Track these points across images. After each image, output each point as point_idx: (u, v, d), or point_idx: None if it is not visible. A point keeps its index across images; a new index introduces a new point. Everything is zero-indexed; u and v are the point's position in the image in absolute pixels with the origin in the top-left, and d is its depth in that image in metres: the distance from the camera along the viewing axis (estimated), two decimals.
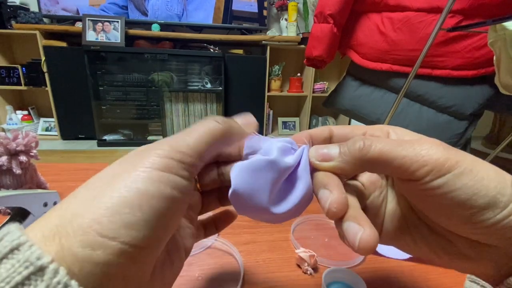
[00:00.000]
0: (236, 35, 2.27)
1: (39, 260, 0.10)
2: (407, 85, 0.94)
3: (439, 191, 0.14)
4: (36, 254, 0.10)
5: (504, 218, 0.13)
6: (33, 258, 0.10)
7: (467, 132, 1.04)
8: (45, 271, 0.10)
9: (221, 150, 0.19)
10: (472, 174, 0.14)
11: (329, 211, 0.15)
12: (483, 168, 0.14)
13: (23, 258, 0.10)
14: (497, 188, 0.13)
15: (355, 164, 0.16)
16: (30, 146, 0.37)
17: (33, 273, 0.10)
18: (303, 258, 0.29)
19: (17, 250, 0.10)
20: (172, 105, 2.19)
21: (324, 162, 0.17)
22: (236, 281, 0.27)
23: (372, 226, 0.14)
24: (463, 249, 0.16)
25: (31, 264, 0.10)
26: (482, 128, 2.07)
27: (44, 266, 0.10)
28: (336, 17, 1.05)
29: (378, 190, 0.20)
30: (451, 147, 0.15)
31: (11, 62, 2.20)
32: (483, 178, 0.14)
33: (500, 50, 0.76)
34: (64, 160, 1.81)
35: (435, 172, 0.14)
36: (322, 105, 1.46)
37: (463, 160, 0.14)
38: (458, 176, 0.14)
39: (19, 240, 0.10)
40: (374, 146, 0.15)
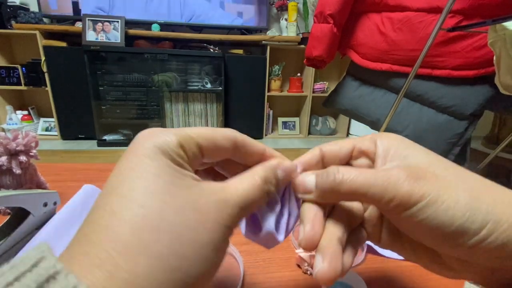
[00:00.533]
0: (236, 35, 2.27)
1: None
2: (407, 85, 0.94)
3: (410, 220, 0.15)
4: (73, 283, 0.10)
5: (478, 242, 0.13)
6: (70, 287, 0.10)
7: (467, 132, 1.04)
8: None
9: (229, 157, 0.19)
10: (436, 205, 0.14)
11: (300, 245, 0.17)
12: (454, 194, 0.14)
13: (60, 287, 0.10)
14: (466, 215, 0.13)
15: (331, 196, 0.17)
16: (30, 146, 0.37)
17: None
18: (303, 258, 0.29)
19: (53, 279, 0.10)
20: (172, 105, 2.19)
21: (305, 195, 0.18)
22: (236, 281, 0.27)
23: (332, 262, 0.15)
24: (449, 263, 0.17)
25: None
26: (482, 128, 2.07)
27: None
28: (336, 17, 1.05)
29: None
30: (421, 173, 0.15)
31: (11, 62, 2.20)
32: (448, 208, 0.14)
33: (500, 50, 0.76)
34: (64, 160, 1.81)
35: (402, 206, 0.14)
36: (322, 105, 1.46)
37: (429, 191, 0.14)
38: (421, 209, 0.14)
39: (55, 269, 0.10)
40: (346, 180, 0.16)
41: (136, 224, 0.12)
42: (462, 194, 0.14)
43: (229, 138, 0.17)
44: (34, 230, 0.30)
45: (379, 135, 0.19)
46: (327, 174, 0.17)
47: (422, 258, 0.18)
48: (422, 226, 0.14)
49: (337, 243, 0.16)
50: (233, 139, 0.17)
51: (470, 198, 0.14)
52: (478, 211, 0.14)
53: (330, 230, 0.17)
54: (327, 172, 0.17)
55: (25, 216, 0.29)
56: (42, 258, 0.11)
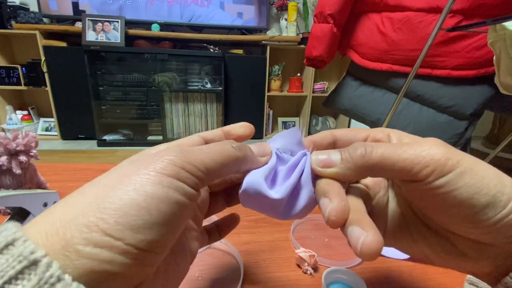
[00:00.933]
0: (236, 35, 2.27)
1: (33, 254, 0.10)
2: (407, 85, 0.94)
3: (442, 190, 0.14)
4: (30, 248, 0.10)
5: (504, 216, 0.13)
6: (27, 252, 0.10)
7: (467, 132, 1.04)
8: (38, 264, 0.10)
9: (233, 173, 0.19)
10: (473, 173, 0.14)
11: (329, 220, 0.15)
12: (483, 168, 0.14)
13: (17, 252, 0.10)
14: (497, 187, 0.14)
15: (357, 170, 0.16)
16: (30, 146, 0.37)
17: (27, 267, 0.10)
18: (303, 258, 0.29)
19: (12, 246, 0.10)
20: (172, 105, 2.19)
21: (326, 169, 0.17)
22: (236, 281, 0.27)
23: (377, 230, 0.14)
24: (462, 248, 0.16)
25: (24, 258, 0.10)
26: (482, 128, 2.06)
27: (38, 260, 0.10)
28: (336, 17, 1.05)
29: (382, 190, 0.21)
30: (451, 147, 0.15)
31: (11, 62, 2.20)
32: (483, 177, 0.14)
33: (500, 50, 0.76)
34: (64, 160, 1.81)
35: (437, 172, 0.14)
36: (322, 105, 1.46)
37: (464, 160, 0.14)
38: (459, 175, 0.14)
39: (14, 236, 0.11)
40: (376, 152, 0.15)
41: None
42: (489, 168, 0.14)
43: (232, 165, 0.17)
44: None
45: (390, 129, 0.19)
46: (354, 147, 0.16)
47: (433, 246, 0.17)
48: (453, 197, 0.14)
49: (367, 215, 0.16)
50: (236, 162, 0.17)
51: (494, 172, 0.14)
52: (504, 184, 0.14)
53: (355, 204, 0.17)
54: (354, 146, 0.16)
55: (25, 216, 0.29)
56: (4, 229, 0.11)
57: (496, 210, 0.13)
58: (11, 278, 0.10)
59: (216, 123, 2.29)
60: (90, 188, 0.13)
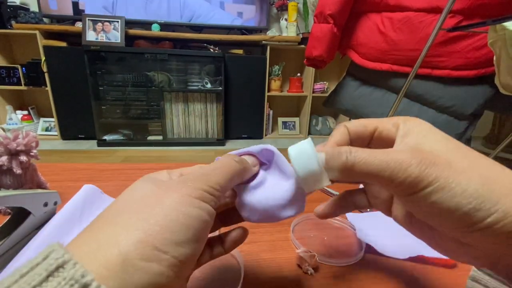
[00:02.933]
0: (236, 35, 2.27)
1: (84, 278, 0.11)
2: (407, 85, 0.94)
3: (414, 204, 0.15)
4: (80, 272, 0.11)
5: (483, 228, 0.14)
6: (78, 275, 0.11)
7: (467, 132, 1.04)
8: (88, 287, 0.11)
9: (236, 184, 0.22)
10: (443, 191, 0.14)
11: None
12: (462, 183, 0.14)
13: (69, 276, 0.11)
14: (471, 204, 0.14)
15: (339, 175, 0.17)
16: (30, 146, 0.37)
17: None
18: (304, 258, 0.29)
19: (62, 268, 0.11)
20: (172, 105, 2.19)
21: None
22: (236, 281, 0.27)
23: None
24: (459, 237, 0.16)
25: (76, 282, 0.11)
26: (482, 128, 2.07)
27: (88, 284, 0.11)
28: (336, 17, 1.05)
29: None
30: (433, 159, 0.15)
31: (11, 62, 2.20)
32: (454, 195, 0.14)
33: (500, 50, 0.76)
34: (64, 160, 1.81)
35: (410, 189, 0.15)
36: (322, 105, 1.46)
37: (439, 177, 0.14)
38: (429, 194, 0.14)
39: (63, 258, 0.11)
40: (357, 163, 0.16)
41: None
42: (473, 182, 0.14)
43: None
44: (35, 230, 0.30)
45: (404, 118, 0.19)
46: (339, 154, 0.17)
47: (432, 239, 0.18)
48: (429, 209, 0.15)
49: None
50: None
51: (482, 186, 0.14)
52: (487, 199, 0.14)
53: None
54: (339, 152, 0.17)
55: (25, 216, 0.29)
56: (52, 251, 0.12)
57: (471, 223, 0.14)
58: None
59: (216, 123, 2.29)
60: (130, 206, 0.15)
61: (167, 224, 0.14)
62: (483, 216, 0.14)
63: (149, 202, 0.15)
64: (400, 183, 0.15)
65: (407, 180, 0.15)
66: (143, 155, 1.96)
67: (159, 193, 0.15)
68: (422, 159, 0.15)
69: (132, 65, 2.06)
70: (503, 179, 0.15)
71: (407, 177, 0.15)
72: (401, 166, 0.15)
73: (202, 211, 0.15)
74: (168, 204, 0.14)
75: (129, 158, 1.90)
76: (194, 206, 0.15)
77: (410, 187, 0.15)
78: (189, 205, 0.15)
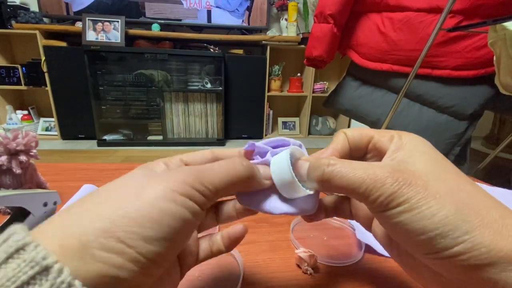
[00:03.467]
0: (236, 35, 2.27)
1: (45, 260, 0.10)
2: (407, 85, 0.94)
3: (385, 221, 0.16)
4: (42, 254, 0.11)
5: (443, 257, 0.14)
6: (39, 258, 0.10)
7: (467, 132, 1.04)
8: (50, 270, 0.10)
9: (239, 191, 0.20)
10: (411, 213, 0.14)
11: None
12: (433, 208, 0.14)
13: (29, 258, 0.10)
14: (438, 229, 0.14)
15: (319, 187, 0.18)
16: (30, 145, 0.37)
17: (38, 273, 0.10)
18: (303, 258, 0.29)
19: (23, 250, 0.11)
20: (172, 105, 2.19)
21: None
22: (236, 281, 0.27)
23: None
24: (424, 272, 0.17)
25: (36, 264, 0.10)
26: (482, 128, 2.07)
27: (49, 266, 0.10)
28: (336, 17, 1.05)
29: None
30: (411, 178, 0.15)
31: (11, 62, 2.20)
32: (422, 218, 0.14)
33: (500, 50, 0.76)
34: (64, 160, 1.81)
35: (382, 207, 0.15)
36: (322, 105, 1.46)
37: (411, 198, 0.14)
38: (398, 213, 0.15)
39: (24, 240, 0.11)
40: (334, 177, 0.16)
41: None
42: (446, 208, 0.14)
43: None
44: None
45: (401, 132, 0.19)
46: (318, 166, 0.17)
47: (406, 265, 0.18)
48: (398, 228, 0.15)
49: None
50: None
51: (455, 213, 0.14)
52: (457, 228, 0.13)
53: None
54: (318, 164, 0.17)
55: (25, 216, 0.29)
56: (13, 233, 0.11)
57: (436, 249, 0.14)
58: (23, 283, 0.10)
59: (216, 123, 2.29)
60: (107, 194, 0.14)
61: (137, 218, 0.13)
62: (448, 244, 0.13)
63: (128, 192, 0.14)
64: (373, 200, 0.15)
65: (379, 198, 0.15)
66: (143, 155, 1.96)
67: (142, 184, 0.14)
68: (398, 178, 0.15)
69: (132, 65, 2.06)
70: (482, 208, 0.14)
71: (380, 195, 0.15)
72: (375, 183, 0.15)
73: (185, 210, 0.14)
74: (146, 197, 0.13)
75: (129, 158, 1.90)
76: (176, 202, 0.14)
77: (382, 205, 0.15)
78: (169, 200, 0.14)
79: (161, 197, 0.14)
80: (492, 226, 0.13)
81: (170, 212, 0.13)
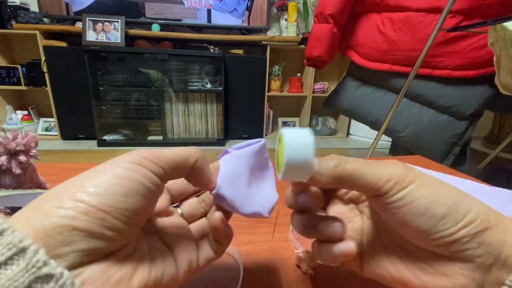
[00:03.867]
0: (236, 35, 2.27)
1: (21, 242, 0.11)
2: (407, 85, 0.94)
3: (402, 202, 0.16)
4: (19, 237, 0.12)
5: (462, 227, 0.15)
6: (16, 241, 0.11)
7: (467, 132, 1.04)
8: (26, 251, 0.11)
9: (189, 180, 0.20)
10: (429, 186, 0.16)
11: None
12: (439, 183, 0.17)
13: (6, 241, 0.11)
14: (451, 201, 0.16)
15: (330, 179, 0.18)
16: (29, 146, 0.37)
17: (16, 254, 0.11)
18: (303, 259, 0.29)
19: (1, 236, 0.12)
20: (172, 105, 2.19)
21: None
22: (235, 281, 0.27)
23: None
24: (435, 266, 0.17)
25: (13, 246, 0.11)
26: (482, 128, 2.06)
27: (26, 248, 0.11)
28: (336, 17, 1.05)
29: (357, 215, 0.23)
30: (411, 167, 0.18)
31: (11, 62, 2.20)
32: (440, 190, 0.16)
33: (500, 50, 0.76)
34: (64, 160, 1.81)
35: (398, 185, 0.16)
36: (322, 105, 1.46)
37: (421, 175, 0.17)
38: (417, 187, 0.16)
39: (2, 227, 0.12)
40: (348, 165, 0.18)
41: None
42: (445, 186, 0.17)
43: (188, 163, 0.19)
44: None
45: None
46: (330, 158, 0.18)
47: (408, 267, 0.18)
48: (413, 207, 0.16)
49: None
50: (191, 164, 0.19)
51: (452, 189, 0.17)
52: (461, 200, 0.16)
53: None
54: (329, 157, 0.18)
55: None
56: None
57: (455, 220, 0.15)
58: (1, 263, 0.11)
59: (216, 123, 2.29)
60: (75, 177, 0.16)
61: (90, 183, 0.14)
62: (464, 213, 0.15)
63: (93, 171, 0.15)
64: (389, 178, 0.16)
65: (393, 176, 0.16)
66: None
67: (106, 163, 0.16)
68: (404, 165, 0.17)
69: (132, 65, 2.06)
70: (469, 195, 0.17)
71: (395, 172, 0.17)
72: (386, 165, 0.17)
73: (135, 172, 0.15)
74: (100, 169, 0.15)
75: None
76: (125, 167, 0.15)
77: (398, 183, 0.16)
78: (119, 167, 0.15)
79: (113, 166, 0.15)
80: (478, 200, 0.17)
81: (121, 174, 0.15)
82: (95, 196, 0.14)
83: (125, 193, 0.15)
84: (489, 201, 0.17)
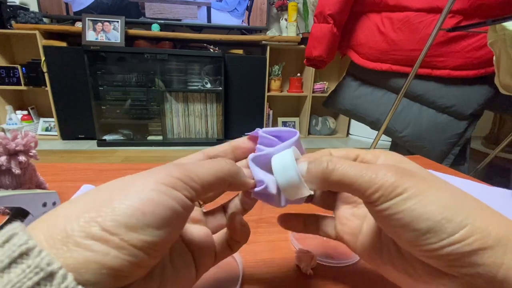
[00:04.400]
0: (236, 35, 2.27)
1: (49, 266, 0.11)
2: (407, 85, 0.94)
3: (386, 213, 0.16)
4: (46, 260, 0.11)
5: (449, 244, 0.14)
6: (43, 264, 0.10)
7: (467, 132, 1.04)
8: (55, 276, 0.11)
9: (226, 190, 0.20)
10: (417, 199, 0.15)
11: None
12: (436, 195, 0.15)
13: (34, 264, 0.10)
14: (443, 214, 0.14)
15: (319, 183, 0.18)
16: (29, 146, 0.37)
17: (43, 279, 0.10)
18: (303, 258, 0.29)
19: (26, 255, 0.11)
20: (172, 105, 2.19)
21: None
22: (235, 281, 0.27)
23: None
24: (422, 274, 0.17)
25: (41, 270, 0.10)
26: (482, 128, 2.07)
27: (54, 272, 0.11)
28: (336, 17, 1.05)
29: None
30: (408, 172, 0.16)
31: (11, 62, 2.20)
32: (427, 204, 0.15)
33: (500, 50, 0.76)
34: (64, 160, 1.81)
35: (384, 197, 0.15)
36: (322, 105, 1.46)
37: (413, 186, 0.15)
38: (404, 200, 0.15)
39: (28, 245, 0.11)
40: (336, 170, 0.17)
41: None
42: (445, 195, 0.15)
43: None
44: None
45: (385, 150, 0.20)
46: (320, 162, 0.18)
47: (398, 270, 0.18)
48: (396, 220, 0.15)
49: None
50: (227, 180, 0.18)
51: (453, 200, 0.15)
52: (458, 213, 0.14)
53: None
54: (320, 160, 0.18)
55: (24, 216, 0.29)
56: (13, 234, 0.11)
57: (439, 236, 0.14)
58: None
59: (216, 123, 2.29)
60: (95, 192, 0.14)
61: (120, 207, 0.13)
62: (455, 228, 0.14)
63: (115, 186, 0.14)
64: (375, 190, 0.16)
65: (382, 187, 0.15)
66: (143, 155, 1.96)
67: (129, 180, 0.15)
68: (398, 170, 0.16)
69: (132, 65, 2.06)
70: (469, 198, 0.16)
71: (384, 182, 0.15)
72: (378, 172, 0.16)
73: (169, 199, 0.14)
74: (132, 189, 0.14)
75: (129, 158, 1.90)
76: (159, 191, 0.14)
77: (384, 194, 0.15)
78: (153, 190, 0.14)
79: (146, 188, 0.14)
80: (486, 212, 0.15)
81: (153, 200, 0.14)
82: (128, 229, 0.13)
83: (158, 225, 0.13)
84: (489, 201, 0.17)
